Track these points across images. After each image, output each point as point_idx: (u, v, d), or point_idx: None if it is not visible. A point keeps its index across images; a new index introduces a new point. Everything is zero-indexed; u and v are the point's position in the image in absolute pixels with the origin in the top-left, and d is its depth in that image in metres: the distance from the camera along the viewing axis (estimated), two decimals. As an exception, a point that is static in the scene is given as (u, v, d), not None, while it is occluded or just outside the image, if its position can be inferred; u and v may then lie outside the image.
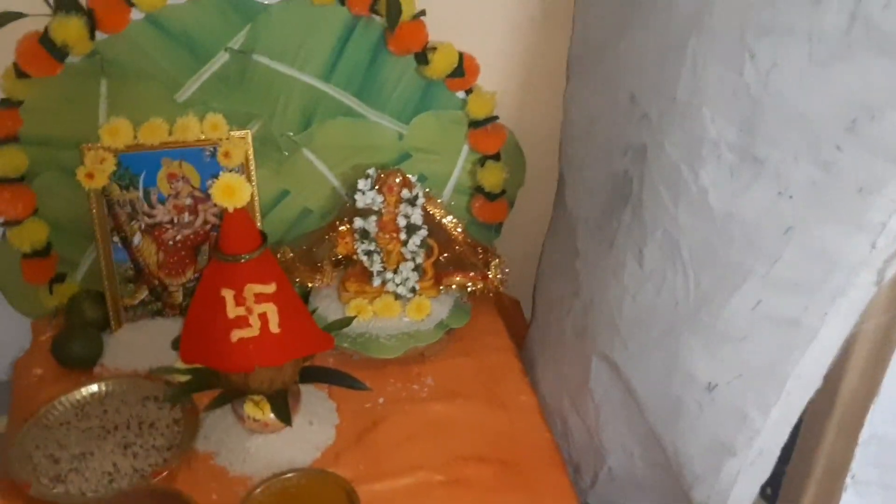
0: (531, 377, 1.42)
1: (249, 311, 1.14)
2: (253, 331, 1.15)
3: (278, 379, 1.20)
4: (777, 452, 0.94)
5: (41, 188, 1.43)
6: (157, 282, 1.48)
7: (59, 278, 1.50)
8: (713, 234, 0.94)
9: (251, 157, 1.44)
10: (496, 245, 1.62)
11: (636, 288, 1.06)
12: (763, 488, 0.99)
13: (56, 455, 1.23)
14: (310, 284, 1.50)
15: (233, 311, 1.14)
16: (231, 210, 1.11)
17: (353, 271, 1.49)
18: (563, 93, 1.40)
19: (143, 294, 1.49)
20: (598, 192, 1.17)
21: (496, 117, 1.51)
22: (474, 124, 1.51)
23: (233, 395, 1.21)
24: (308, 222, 1.56)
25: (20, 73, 1.33)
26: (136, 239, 1.45)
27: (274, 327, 1.16)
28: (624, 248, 1.08)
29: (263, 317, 1.15)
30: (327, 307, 1.47)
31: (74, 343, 1.41)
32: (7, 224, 1.43)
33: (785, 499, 0.99)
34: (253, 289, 1.14)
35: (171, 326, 1.48)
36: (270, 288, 1.15)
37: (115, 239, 1.44)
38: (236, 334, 1.14)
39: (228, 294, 1.13)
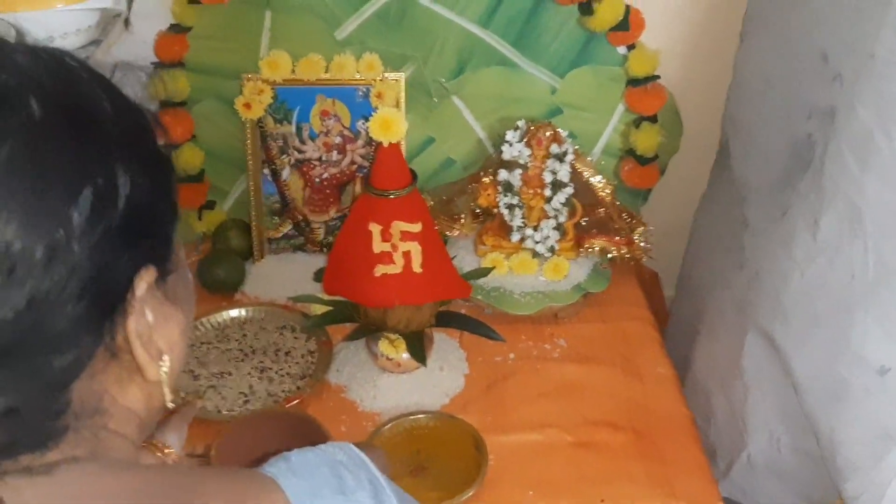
0: (673, 353, 1.36)
1: (394, 247, 1.13)
2: (396, 267, 1.14)
3: (416, 319, 1.20)
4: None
5: (200, 115, 1.48)
6: (301, 217, 1.50)
7: (209, 205, 1.55)
8: (904, 204, 0.86)
9: (403, 100, 1.43)
10: (640, 213, 1.56)
11: (807, 260, 0.99)
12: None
13: (196, 372, 1.27)
14: (447, 234, 1.49)
15: (378, 245, 1.13)
16: (386, 144, 1.10)
17: (491, 224, 1.46)
18: (736, 53, 1.32)
19: (287, 228, 1.51)
20: (773, 159, 1.09)
21: (657, 77, 1.44)
22: (633, 82, 1.45)
23: (369, 330, 1.21)
24: (450, 172, 1.55)
25: (191, 0, 1.37)
26: (286, 173, 1.47)
27: (416, 266, 1.15)
28: (797, 218, 1.01)
29: (407, 255, 1.14)
30: (462, 258, 1.46)
31: (219, 268, 1.45)
32: (165, 147, 1.47)
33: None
34: (399, 226, 1.13)
35: (311, 262, 1.50)
36: (416, 227, 1.14)
37: (266, 171, 1.47)
38: (380, 269, 1.14)
39: (375, 229, 1.13)
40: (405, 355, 1.23)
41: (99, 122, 0.50)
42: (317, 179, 1.48)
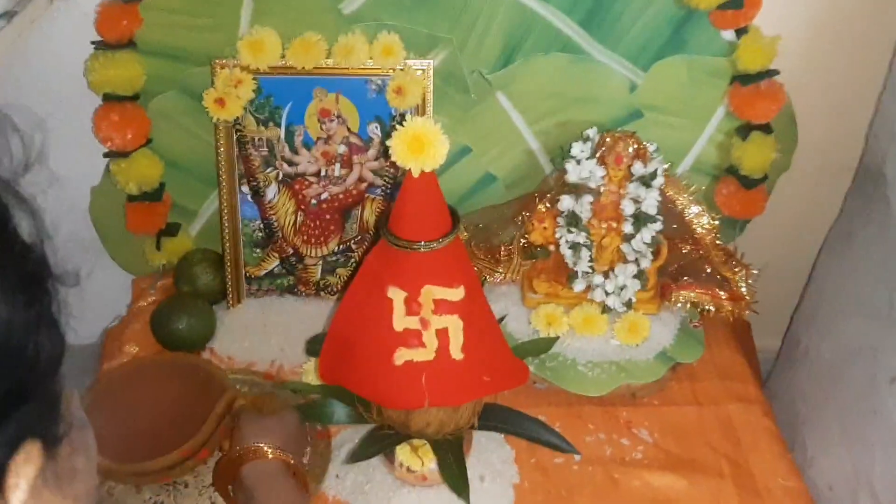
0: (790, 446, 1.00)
1: (425, 324, 0.77)
2: (427, 353, 0.78)
3: (451, 422, 0.83)
4: None
5: (157, 112, 1.10)
6: (291, 249, 1.13)
7: (171, 230, 1.18)
8: None
9: (429, 97, 1.06)
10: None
11: None
12: None
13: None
14: (486, 278, 1.12)
15: (401, 321, 0.77)
16: (416, 173, 0.73)
17: (545, 265, 1.10)
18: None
19: (273, 263, 1.14)
20: None
21: (774, 72, 1.07)
22: (741, 79, 1.08)
23: (385, 441, 0.84)
24: (489, 193, 1.17)
25: (143, -45, 0.99)
26: (271, 192, 1.10)
27: (456, 351, 0.78)
28: None
29: (443, 334, 0.78)
30: (503, 311, 1.09)
31: (180, 317, 1.09)
32: (112, 155, 1.10)
33: None
34: (433, 292, 0.76)
35: (302, 310, 1.15)
36: (457, 293, 0.77)
37: (245, 189, 1.10)
38: (403, 355, 0.78)
39: (398, 296, 0.77)
40: (433, 466, 0.87)
41: None
42: (313, 201, 1.11)
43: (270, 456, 0.79)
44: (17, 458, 0.36)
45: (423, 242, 0.75)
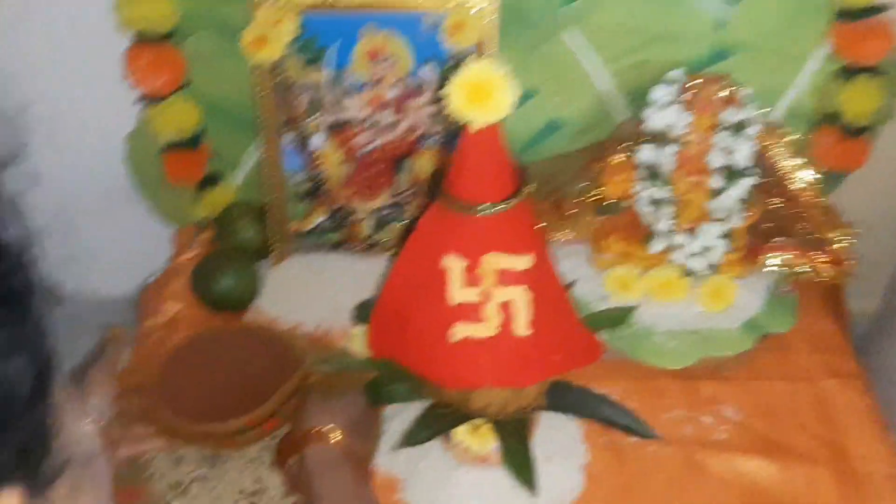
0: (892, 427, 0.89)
1: (486, 296, 0.68)
2: (488, 329, 0.69)
3: (514, 402, 0.74)
4: None
5: (194, 54, 1.01)
6: (339, 203, 1.05)
7: (211, 180, 1.10)
8: None
9: (493, 35, 0.94)
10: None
11: None
12: None
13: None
14: (551, 237, 1.02)
15: (459, 292, 0.68)
16: (476, 127, 0.63)
17: (619, 222, 0.99)
18: None
19: (320, 217, 1.06)
20: None
21: (881, 8, 0.93)
22: (845, 15, 0.94)
23: (443, 423, 0.76)
24: (555, 141, 1.07)
25: None
26: (317, 140, 1.01)
27: (521, 327, 0.69)
28: None
29: (507, 308, 0.69)
30: (570, 273, 0.98)
31: (221, 275, 1.01)
32: (146, 99, 1.02)
33: None
34: (496, 261, 0.67)
35: (352, 267, 1.06)
36: (524, 262, 0.68)
37: (288, 138, 1.01)
38: (460, 330, 0.69)
39: (456, 264, 0.67)
40: (495, 446, 0.78)
41: None
42: (362, 150, 1.02)
43: (333, 441, 0.72)
44: None
45: (484, 205, 0.65)
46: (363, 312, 0.83)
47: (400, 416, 0.86)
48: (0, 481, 0.29)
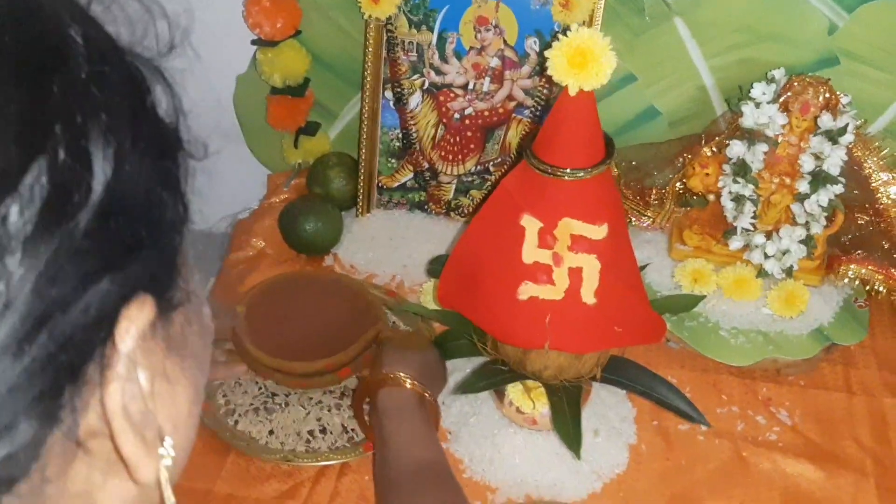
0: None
1: (558, 259, 0.70)
2: (556, 292, 0.71)
3: (571, 369, 0.76)
4: None
5: (310, 3, 1.06)
6: (427, 164, 1.08)
7: (310, 129, 1.15)
8: None
9: (599, 13, 0.96)
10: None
11: None
12: None
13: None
14: (632, 220, 1.03)
15: (532, 253, 0.70)
16: (573, 91, 0.65)
17: (700, 216, 0.99)
18: None
19: (407, 176, 1.10)
20: None
21: None
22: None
23: (497, 378, 0.79)
24: (650, 128, 1.07)
25: None
26: (414, 100, 1.05)
27: (588, 295, 0.71)
28: None
29: (577, 274, 0.70)
30: (646, 259, 1.00)
31: (308, 219, 1.06)
32: (260, 43, 1.07)
33: None
34: (572, 227, 0.69)
35: (430, 228, 1.10)
36: (599, 231, 0.69)
37: (388, 95, 1.04)
38: (528, 290, 0.71)
39: (532, 225, 0.70)
40: (545, 410, 0.81)
41: (64, 60, 0.30)
42: (456, 115, 1.05)
43: (408, 385, 0.76)
44: (130, 306, 0.33)
45: (569, 170, 0.67)
46: (437, 267, 0.86)
47: (456, 374, 0.89)
48: (139, 288, 0.32)
